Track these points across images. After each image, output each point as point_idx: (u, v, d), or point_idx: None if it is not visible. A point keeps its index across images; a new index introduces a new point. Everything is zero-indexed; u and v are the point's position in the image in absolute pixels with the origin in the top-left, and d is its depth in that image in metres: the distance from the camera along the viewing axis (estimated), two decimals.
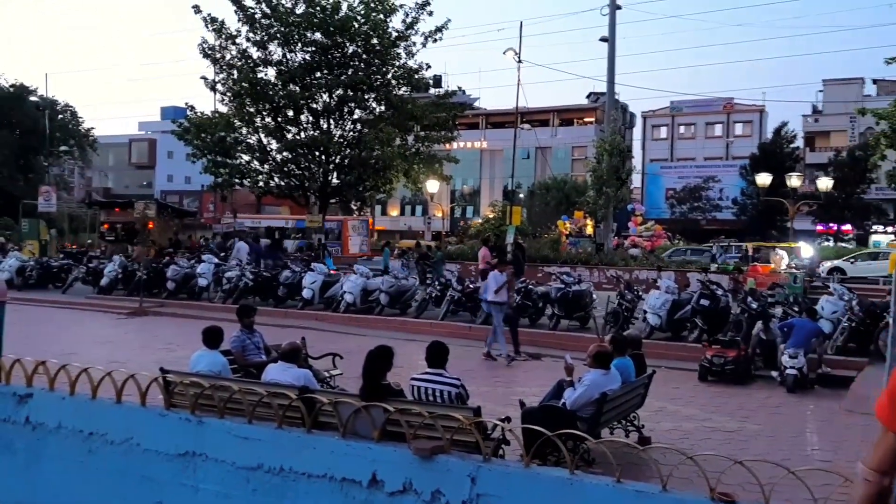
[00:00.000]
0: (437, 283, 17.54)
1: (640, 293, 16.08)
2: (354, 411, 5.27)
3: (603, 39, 29.01)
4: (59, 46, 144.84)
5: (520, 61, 31.32)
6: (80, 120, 41.69)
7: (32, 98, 39.18)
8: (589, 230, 35.11)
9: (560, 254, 27.36)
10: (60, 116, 40.03)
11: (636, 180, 58.38)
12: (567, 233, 35.05)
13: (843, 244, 44.54)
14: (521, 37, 49.91)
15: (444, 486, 4.72)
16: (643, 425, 7.88)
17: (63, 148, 40.60)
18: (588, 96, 62.15)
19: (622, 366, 7.22)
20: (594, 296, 16.44)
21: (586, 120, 61.61)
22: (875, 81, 56.72)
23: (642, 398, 8.00)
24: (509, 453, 5.71)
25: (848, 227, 51.20)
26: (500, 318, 13.28)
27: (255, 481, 5.57)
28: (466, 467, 4.62)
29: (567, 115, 62.93)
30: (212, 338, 7.05)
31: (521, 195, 44.32)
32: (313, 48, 27.27)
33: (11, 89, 38.71)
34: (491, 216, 39.09)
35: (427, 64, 28.76)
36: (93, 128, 42.81)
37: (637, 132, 66.36)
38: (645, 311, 14.74)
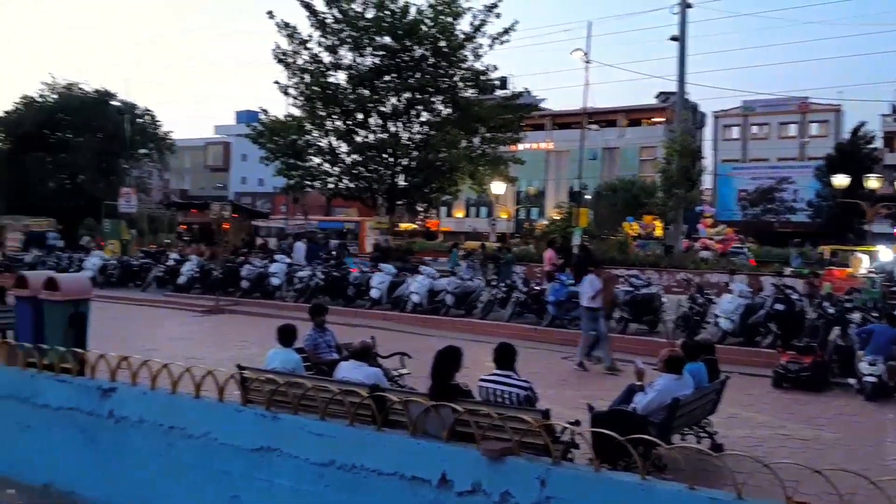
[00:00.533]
0: (503, 284, 17.54)
1: (712, 297, 15.75)
2: (424, 410, 5.35)
3: (673, 38, 28.49)
4: (140, 53, 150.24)
5: (588, 61, 31.07)
6: (159, 124, 43.20)
7: (114, 103, 40.76)
8: (658, 232, 34.53)
9: (628, 256, 26.99)
10: (140, 121, 41.54)
11: (707, 182, 57.06)
12: (635, 235, 34.56)
13: None
14: (589, 36, 49.38)
15: (514, 487, 4.74)
16: (716, 432, 7.73)
17: (142, 151, 42.16)
18: (657, 96, 61.05)
19: (694, 371, 7.11)
20: (664, 299, 16.18)
21: (655, 120, 60.52)
22: None
23: (715, 404, 7.85)
24: (578, 457, 5.70)
25: None
26: (602, 326, 12.65)
27: (327, 477, 5.70)
28: (536, 469, 4.64)
29: (635, 116, 61.98)
30: (286, 336, 7.23)
31: (588, 196, 43.86)
32: (382, 52, 27.63)
33: (95, 95, 40.36)
34: (557, 218, 38.80)
35: (494, 66, 28.84)
36: (171, 131, 44.37)
37: (708, 132, 64.90)
38: (717, 316, 14.43)
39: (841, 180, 36.06)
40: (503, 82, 31.43)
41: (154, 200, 44.06)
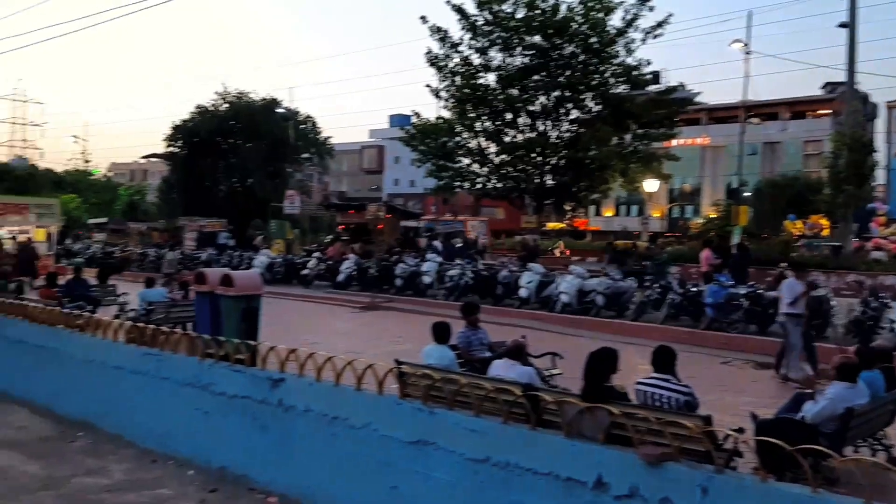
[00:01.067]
0: (657, 285, 17.06)
1: (887, 301, 14.58)
2: (579, 412, 5.33)
3: (842, 25, 26.55)
4: (301, 62, 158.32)
5: (748, 52, 29.58)
6: (319, 129, 45.42)
7: (279, 110, 43.25)
8: (825, 232, 32.32)
9: (791, 257, 25.42)
10: (303, 127, 43.86)
11: (880, 177, 52.67)
12: (799, 234, 32.51)
13: None
14: (749, 26, 46.85)
15: (673, 494, 4.64)
16: (893, 445, 7.18)
17: (305, 155, 44.50)
18: (823, 87, 57.03)
19: (870, 379, 6.64)
20: (833, 302, 15.15)
21: (821, 112, 56.57)
22: None
23: (892, 415, 7.28)
24: (741, 467, 5.48)
25: None
26: (796, 335, 11.66)
27: (482, 473, 5.81)
28: (697, 477, 4.51)
29: (799, 108, 58.18)
30: (441, 333, 7.41)
31: (747, 194, 41.71)
32: (532, 51, 27.63)
33: (262, 103, 43.02)
34: (713, 216, 37.20)
35: (647, 60, 28.10)
36: (330, 136, 46.51)
37: (881, 124, 59.87)
38: (893, 321, 13.35)
39: None
40: (656, 77, 30.51)
41: (315, 202, 46.31)
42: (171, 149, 43.94)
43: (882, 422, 7.12)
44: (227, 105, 43.07)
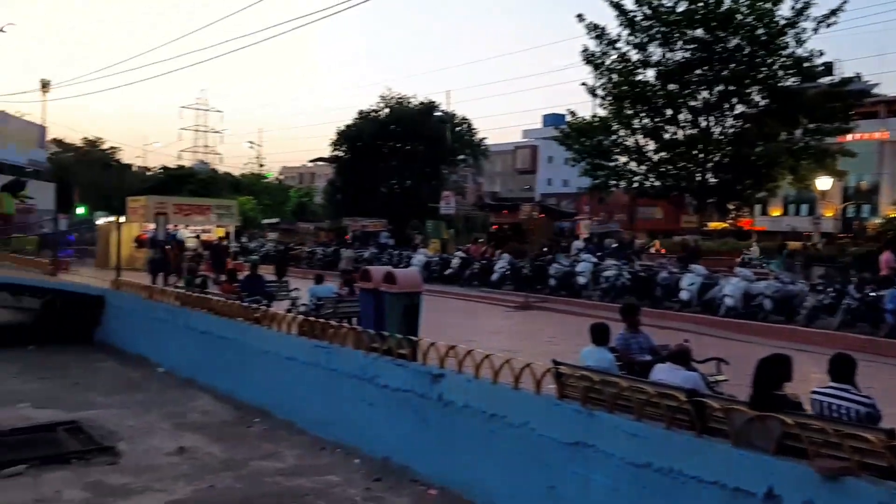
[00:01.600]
0: (831, 289, 15.96)
1: None
2: (748, 420, 5.14)
3: None
4: (458, 66, 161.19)
5: None
6: (475, 131, 46.11)
7: (437, 113, 44.34)
8: None
9: None
10: (458, 129, 44.71)
11: None
12: None
13: None
14: None
15: None
16: None
17: (460, 157, 45.34)
18: None
19: None
20: None
21: None
22: None
23: None
24: None
25: None
26: None
27: (643, 479, 5.74)
28: (879, 494, 4.25)
29: None
30: (600, 334, 7.35)
31: None
32: (694, 45, 26.68)
33: (420, 107, 44.29)
34: (893, 216, 34.26)
35: (819, 51, 26.38)
36: (485, 137, 47.11)
37: None
38: None
39: None
40: (829, 68, 28.52)
41: (469, 202, 47.03)
42: (336, 153, 46.11)
43: None
44: (387, 110, 44.66)
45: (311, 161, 72.20)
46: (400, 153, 44.01)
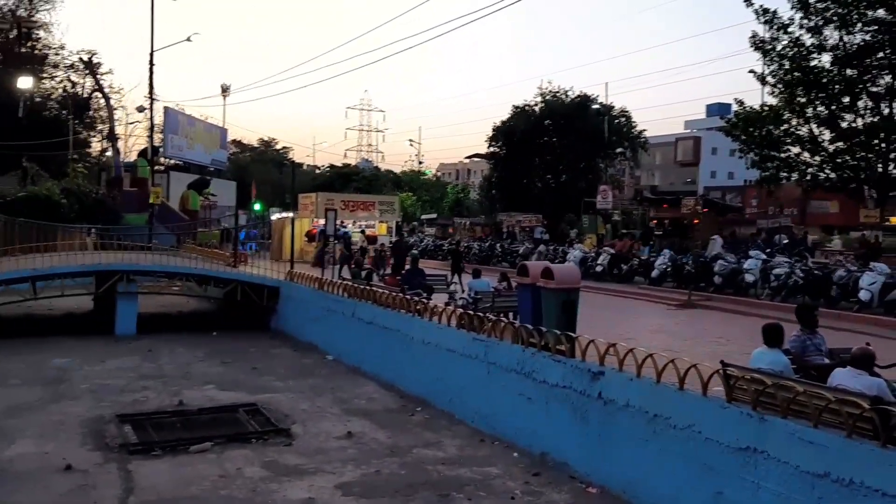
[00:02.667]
0: None
1: None
2: None
3: None
4: (617, 57, 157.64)
5: None
6: (634, 123, 44.94)
7: (594, 106, 43.65)
8: None
9: None
10: (616, 121, 43.76)
11: None
12: None
13: None
14: None
15: None
16: None
17: (618, 150, 44.40)
18: None
19: None
20: None
21: None
22: None
23: None
24: None
25: None
26: None
27: (820, 489, 5.45)
28: None
29: None
30: (773, 336, 7.00)
31: None
32: (875, 27, 24.60)
33: (577, 100, 43.75)
34: None
35: None
36: (644, 130, 45.79)
37: None
38: None
39: None
40: None
41: (626, 197, 45.97)
42: (491, 149, 46.51)
43: None
44: (542, 104, 44.46)
45: (468, 157, 73.26)
46: (555, 147, 43.68)
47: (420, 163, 76.06)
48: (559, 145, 43.60)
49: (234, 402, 11.98)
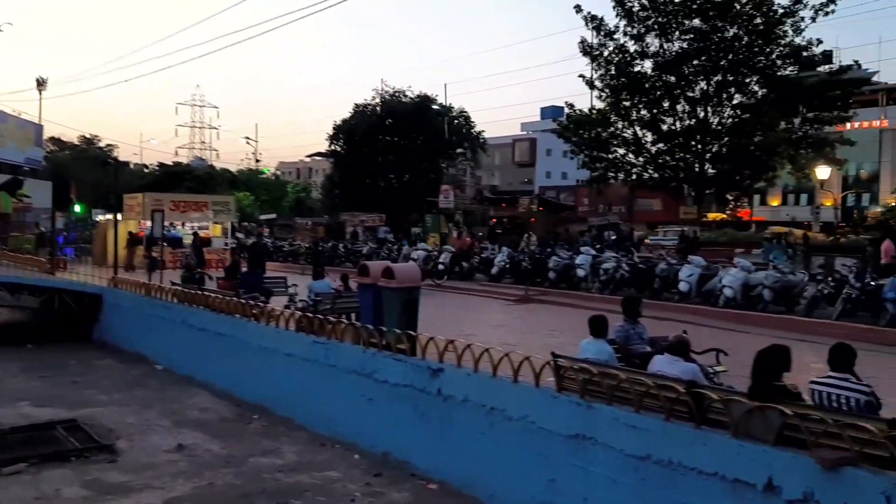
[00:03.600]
0: (831, 278, 15.94)
1: None
2: (747, 411, 5.12)
3: None
4: (455, 59, 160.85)
5: None
6: (473, 124, 45.98)
7: (434, 107, 44.24)
8: None
9: None
10: (456, 122, 44.60)
11: None
12: None
13: None
14: None
15: (853, 501, 4.37)
16: None
17: (458, 150, 45.26)
18: None
19: None
20: None
21: None
22: None
23: None
24: None
25: None
26: None
27: (643, 471, 5.71)
28: (881, 483, 4.22)
29: None
30: (598, 327, 7.32)
31: None
32: (691, 35, 26.60)
33: (417, 100, 44.17)
34: (894, 204, 34.24)
35: (817, 39, 26.30)
36: (483, 131, 46.97)
37: None
38: None
39: None
40: (827, 57, 28.42)
41: (468, 196, 46.96)
42: (333, 147, 46.00)
43: None
44: (382, 103, 44.54)
45: (309, 156, 72.16)
46: (397, 147, 43.91)
47: (257, 161, 74.00)
48: (401, 145, 43.85)
49: (51, 419, 11.02)
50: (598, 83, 28.72)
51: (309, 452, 9.43)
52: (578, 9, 27.99)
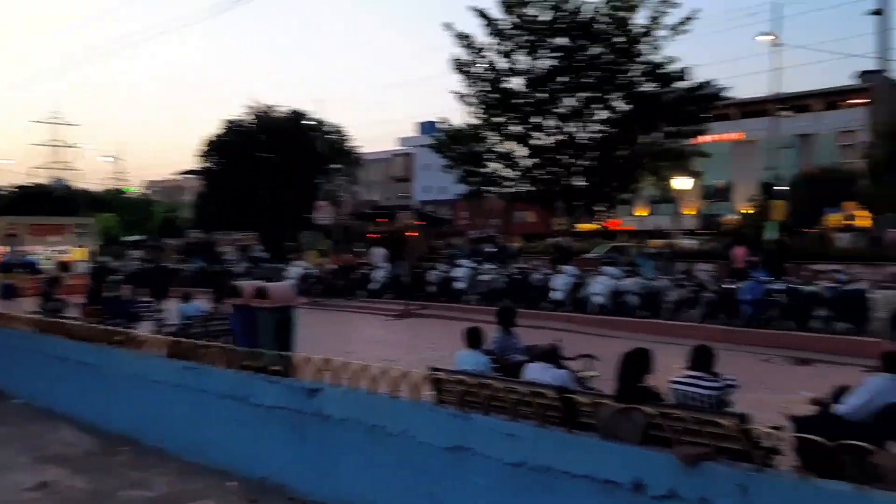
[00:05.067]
0: (692, 284, 16.92)
1: None
2: (614, 413, 5.31)
3: (874, 12, 26.08)
4: (329, 74, 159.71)
5: (777, 44, 29.20)
6: (348, 139, 45.79)
7: (307, 122, 43.74)
8: (865, 223, 31.69)
9: (829, 250, 24.97)
10: (331, 137, 44.26)
11: None
12: (839, 226, 31.90)
13: None
14: (776, 19, 46.30)
15: (712, 494, 4.60)
16: None
17: (334, 166, 44.89)
18: (860, 76, 55.86)
19: None
20: (875, 295, 14.86)
21: (854, 102, 55.43)
22: None
23: None
24: (781, 465, 5.40)
25: None
26: None
27: (520, 477, 5.80)
28: (736, 476, 4.47)
29: (832, 99, 57.07)
30: (473, 338, 7.43)
31: (785, 188, 40.99)
32: (559, 53, 27.60)
33: (290, 115, 43.56)
34: (747, 212, 36.71)
35: (673, 58, 27.92)
36: (360, 146, 46.86)
37: None
38: None
39: None
40: (683, 74, 30.20)
41: (345, 212, 46.67)
42: (205, 165, 44.58)
43: None
44: (255, 119, 43.63)
45: (179, 174, 69.59)
46: (271, 163, 43.11)
47: (122, 180, 70.74)
48: (275, 161, 43.07)
49: None
50: (472, 99, 29.30)
51: (181, 482, 9.01)
52: (448, 26, 28.49)
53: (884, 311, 14.06)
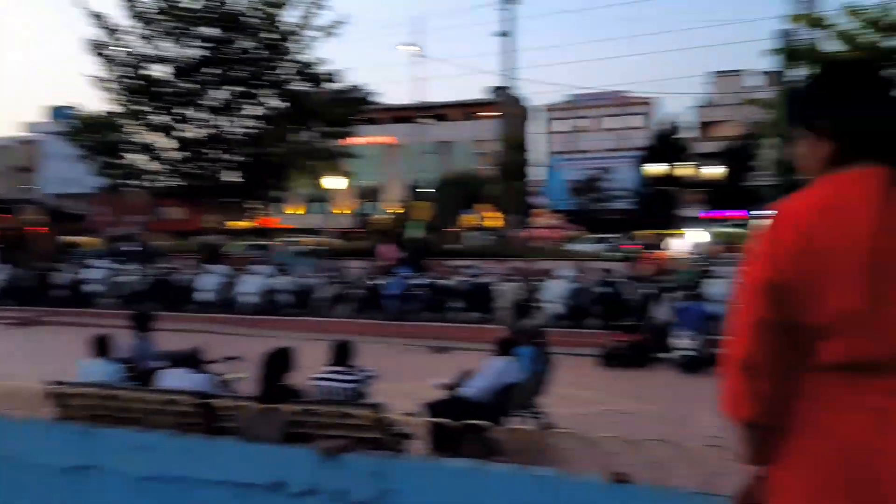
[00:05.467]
0: (342, 281, 17.46)
1: (542, 283, 16.45)
2: (255, 414, 5.19)
3: (501, 34, 29.39)
4: None
5: (419, 56, 31.44)
6: None
7: None
8: (495, 223, 35.63)
9: (464, 247, 27.65)
10: None
11: (537, 173, 59.65)
12: (472, 226, 35.46)
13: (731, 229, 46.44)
14: (419, 31, 49.92)
15: (349, 484, 4.70)
16: (547, 412, 8.02)
17: None
18: (492, 90, 62.75)
19: (524, 354, 7.36)
20: (499, 287, 16.70)
21: (487, 114, 62.20)
22: (765, 73, 59.33)
23: (545, 386, 8.15)
24: (419, 447, 5.73)
25: (739, 213, 53.35)
26: None
27: (154, 493, 5.38)
28: (370, 464, 4.61)
29: (468, 110, 63.35)
30: (100, 346, 6.77)
31: (431, 190, 44.42)
32: (209, 44, 26.53)
33: None
34: (394, 212, 39.09)
35: (322, 59, 28.46)
36: None
37: (540, 125, 67.61)
38: (546, 301, 15.09)
39: (654, 168, 38.74)
40: (334, 76, 31.01)
41: None
42: None
43: (537, 392, 7.92)
44: None
45: None
46: None
47: None
48: None
49: None
50: (110, 85, 26.87)
51: None
52: (79, 3, 25.81)
53: (506, 301, 15.85)
